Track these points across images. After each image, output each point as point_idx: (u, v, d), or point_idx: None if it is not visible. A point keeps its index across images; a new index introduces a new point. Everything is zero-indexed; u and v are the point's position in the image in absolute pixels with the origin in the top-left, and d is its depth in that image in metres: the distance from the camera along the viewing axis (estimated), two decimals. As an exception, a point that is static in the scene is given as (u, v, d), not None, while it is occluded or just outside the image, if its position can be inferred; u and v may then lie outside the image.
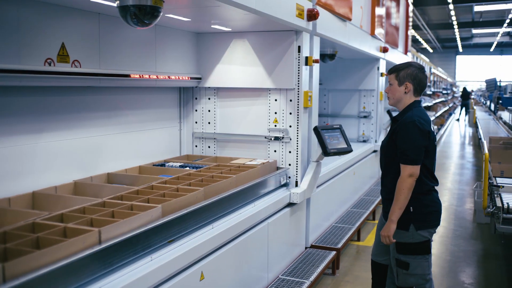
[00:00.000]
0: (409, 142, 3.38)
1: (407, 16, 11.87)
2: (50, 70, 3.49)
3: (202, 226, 3.59)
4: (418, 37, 37.55)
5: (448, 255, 6.11)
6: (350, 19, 6.48)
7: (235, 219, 3.93)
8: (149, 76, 4.56)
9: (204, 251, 3.45)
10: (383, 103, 9.42)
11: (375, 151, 8.97)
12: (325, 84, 9.32)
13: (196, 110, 5.63)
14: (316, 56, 5.37)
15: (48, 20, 3.54)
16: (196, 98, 5.62)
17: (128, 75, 4.29)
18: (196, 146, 5.68)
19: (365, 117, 9.14)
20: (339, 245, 5.48)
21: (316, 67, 5.37)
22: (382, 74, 9.06)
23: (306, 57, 5.07)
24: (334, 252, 5.29)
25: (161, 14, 3.37)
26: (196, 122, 5.64)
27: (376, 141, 9.08)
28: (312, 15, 4.97)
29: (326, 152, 4.90)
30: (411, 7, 12.51)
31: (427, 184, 3.47)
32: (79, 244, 2.49)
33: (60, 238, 2.50)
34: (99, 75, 3.95)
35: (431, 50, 52.55)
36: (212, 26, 4.86)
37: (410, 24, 12.96)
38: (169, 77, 4.86)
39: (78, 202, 3.34)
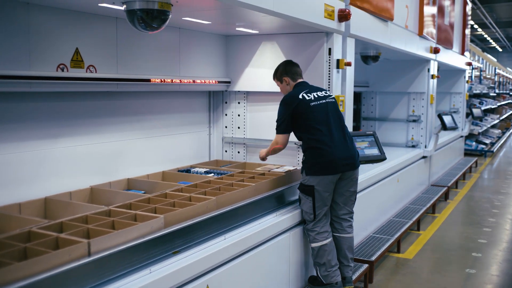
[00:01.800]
0: (278, 114, 4.24)
1: (464, 15, 11.27)
2: (61, 75, 3.47)
3: (213, 237, 3.45)
4: (485, 36, 35.93)
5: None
6: (391, 19, 6.17)
7: (251, 229, 3.76)
8: (172, 80, 4.49)
9: (212, 263, 3.31)
10: (434, 106, 8.96)
11: (424, 157, 8.54)
12: (372, 86, 8.99)
13: (226, 115, 5.52)
14: (350, 58, 5.11)
15: (61, 25, 3.52)
16: (226, 102, 5.50)
17: (148, 80, 4.23)
18: (226, 151, 5.57)
19: (414, 121, 8.72)
20: (373, 258, 5.19)
21: (350, 70, 5.12)
22: (433, 76, 8.61)
23: (338, 60, 4.84)
24: (366, 265, 5.01)
25: (169, 17, 3.28)
26: (226, 127, 5.53)
27: (426, 147, 8.63)
28: (343, 16, 4.74)
29: (356, 160, 4.65)
30: (469, 5, 11.86)
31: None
32: (65, 256, 2.42)
33: (45, 250, 2.43)
34: (116, 80, 3.91)
35: (500, 49, 50.13)
36: (237, 29, 4.73)
37: (470, 22, 12.32)
38: (194, 81, 4.77)
39: (86, 210, 3.30)
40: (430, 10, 7.99)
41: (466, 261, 5.85)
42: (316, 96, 4.23)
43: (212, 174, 4.67)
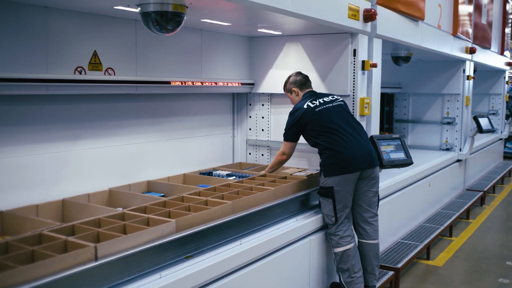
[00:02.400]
0: (286, 124, 4.35)
1: (504, 13, 10.88)
2: (78, 78, 3.49)
3: (228, 242, 3.39)
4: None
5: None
6: (422, 19, 5.98)
7: (269, 234, 3.69)
8: (193, 82, 4.47)
9: (226, 269, 3.25)
10: (470, 108, 8.66)
11: (458, 160, 8.27)
12: (405, 87, 8.77)
13: (250, 117, 5.46)
14: (377, 60, 4.97)
15: (78, 28, 3.54)
16: (250, 104, 5.45)
17: (168, 82, 4.21)
18: (249, 153, 5.51)
19: (448, 123, 8.45)
20: (399, 265, 5.04)
21: (376, 71, 4.99)
22: (468, 77, 8.33)
23: (363, 61, 4.71)
24: (392, 273, 4.86)
25: (184, 19, 3.25)
26: (250, 129, 5.48)
27: (460, 150, 8.36)
28: (369, 16, 4.61)
29: (381, 165, 4.53)
30: (510, 3, 11.44)
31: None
32: (70, 260, 2.41)
33: (51, 253, 2.42)
34: (134, 82, 3.91)
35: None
36: (260, 30, 4.66)
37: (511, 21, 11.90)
38: (216, 83, 4.73)
39: (101, 212, 3.30)
40: (465, 9, 7.73)
41: (500, 270, 5.61)
42: (321, 101, 4.25)
43: (234, 177, 4.62)
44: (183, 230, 3.04)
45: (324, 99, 4.29)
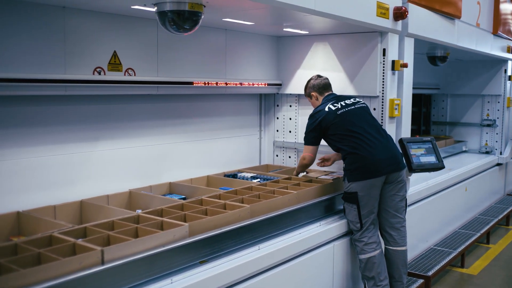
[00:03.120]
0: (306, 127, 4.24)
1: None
2: (97, 79, 3.47)
3: (246, 247, 3.30)
4: None
5: None
6: (459, 17, 5.73)
7: (290, 239, 3.58)
8: (217, 83, 4.40)
9: (243, 274, 3.16)
10: (511, 110, 8.29)
11: (499, 164, 7.93)
12: (443, 88, 8.48)
13: (277, 118, 5.36)
14: (408, 59, 4.78)
15: (97, 28, 3.52)
16: (277, 105, 5.35)
17: (190, 83, 4.16)
18: (277, 155, 5.41)
19: (488, 125, 8.12)
20: (430, 273, 4.83)
21: (407, 72, 4.80)
22: (510, 78, 7.97)
23: (393, 61, 4.53)
24: (421, 281, 4.67)
25: (201, 18, 3.18)
26: (277, 131, 5.37)
27: (501, 153, 8.01)
28: (399, 14, 4.43)
29: (410, 168, 4.35)
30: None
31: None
32: (75, 264, 2.37)
33: (56, 257, 2.39)
34: (156, 83, 3.87)
35: None
36: (285, 29, 4.56)
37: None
38: (241, 83, 4.65)
39: (118, 214, 3.27)
40: (507, 7, 7.39)
41: (539, 281, 5.32)
42: (343, 104, 4.12)
43: (258, 180, 4.53)
44: (197, 235, 2.97)
45: (346, 101, 4.16)
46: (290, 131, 5.27)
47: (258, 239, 3.41)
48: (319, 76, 4.42)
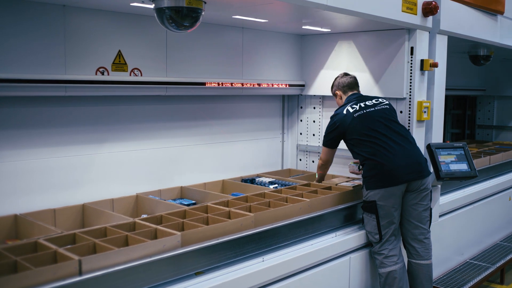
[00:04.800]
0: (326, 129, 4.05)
1: None
2: (99, 79, 3.36)
3: (248, 258, 3.10)
4: None
5: None
6: (502, 12, 5.31)
7: (299, 251, 3.35)
8: (232, 84, 4.21)
9: (243, 287, 2.96)
10: None
11: (550, 172, 7.34)
12: (489, 90, 7.96)
13: (301, 120, 5.12)
14: (440, 58, 4.45)
15: (100, 27, 3.41)
16: (301, 107, 5.11)
17: (203, 83, 3.99)
18: (300, 159, 5.17)
19: (539, 130, 7.56)
20: (463, 289, 4.48)
21: (439, 71, 4.46)
22: None
23: (422, 60, 4.21)
24: (452, 298, 4.33)
25: (201, 15, 3.00)
26: (300, 134, 5.14)
27: (553, 160, 7.42)
28: (429, 10, 4.12)
29: (438, 176, 4.02)
30: None
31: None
32: (49, 274, 2.23)
33: (29, 266, 2.27)
34: (164, 83, 3.73)
35: None
36: (304, 27, 4.31)
37: None
38: (259, 84, 4.45)
39: (116, 220, 3.15)
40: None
41: None
42: (362, 105, 3.88)
43: (276, 185, 4.32)
44: (189, 245, 2.79)
45: (366, 102, 3.89)
46: (313, 134, 5.02)
47: (262, 250, 3.19)
48: (345, 74, 4.18)
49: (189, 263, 2.77)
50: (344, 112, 3.85)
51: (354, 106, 3.86)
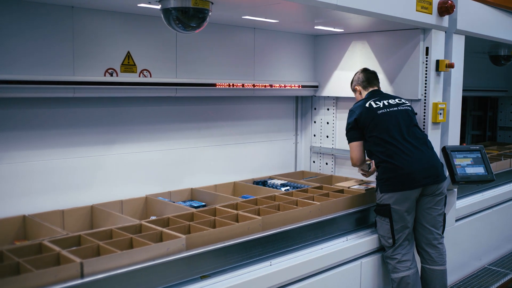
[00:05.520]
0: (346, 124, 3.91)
1: None
2: (107, 81, 3.35)
3: (255, 262, 3.05)
4: None
5: None
6: (522, 11, 5.17)
7: (307, 255, 3.29)
8: (243, 85, 4.17)
9: (249, 292, 2.93)
10: None
11: None
12: (511, 91, 7.77)
13: (314, 122, 5.06)
14: (457, 59, 4.34)
15: (109, 29, 3.40)
16: (315, 109, 5.05)
17: (213, 84, 3.96)
18: (313, 162, 5.10)
19: None
20: (479, 296, 4.37)
21: (456, 72, 4.36)
22: None
23: (437, 61, 4.11)
24: (468, 305, 4.22)
25: (208, 16, 2.97)
26: (314, 135, 5.07)
27: None
28: (444, 9, 4.02)
29: (453, 180, 3.92)
30: None
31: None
32: (50, 277, 2.22)
33: (30, 268, 2.26)
34: (173, 84, 3.71)
35: None
36: (316, 27, 4.25)
37: None
38: (271, 85, 4.40)
39: (123, 221, 3.13)
40: None
41: None
42: (386, 103, 3.77)
43: (287, 188, 4.26)
44: (194, 248, 2.75)
45: (390, 101, 3.80)
46: (327, 136, 4.95)
47: (270, 254, 3.14)
48: (365, 69, 4.08)
49: (194, 267, 2.74)
50: (367, 105, 3.75)
51: (377, 102, 3.76)
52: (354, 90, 4.10)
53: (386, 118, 3.69)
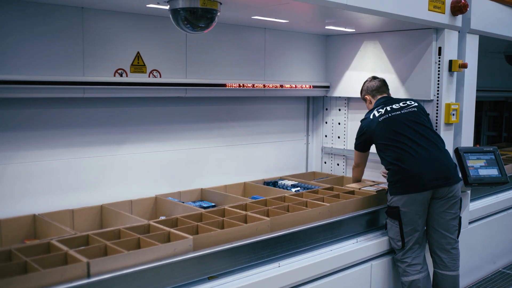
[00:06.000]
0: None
1: None
2: (117, 81, 3.36)
3: (263, 263, 3.04)
4: None
5: None
6: (538, 10, 5.08)
7: (316, 257, 3.26)
8: (253, 85, 4.16)
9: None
10: None
11: None
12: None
13: (326, 122, 5.02)
14: (471, 59, 4.28)
15: (119, 29, 3.41)
16: (326, 109, 5.01)
17: (223, 85, 3.95)
18: (325, 162, 5.07)
19: None
20: (493, 300, 4.30)
21: (470, 72, 4.30)
22: None
23: (450, 61, 4.06)
24: (481, 309, 4.16)
25: (217, 16, 2.96)
26: (325, 136, 5.04)
27: None
28: (457, 8, 3.97)
29: (466, 182, 3.87)
30: None
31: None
32: (56, 276, 2.23)
33: (37, 267, 2.27)
34: (183, 85, 3.71)
35: None
36: (327, 27, 4.22)
37: None
38: (282, 86, 4.38)
39: (132, 221, 3.14)
40: None
41: None
42: (389, 109, 3.78)
43: (298, 189, 4.24)
44: (201, 249, 2.74)
45: (393, 106, 3.77)
46: (339, 137, 4.91)
47: (278, 256, 3.13)
48: (374, 77, 4.07)
49: (201, 268, 2.73)
50: (371, 116, 3.79)
51: (380, 110, 3.77)
52: (364, 99, 4.10)
53: (388, 123, 3.69)
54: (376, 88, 3.98)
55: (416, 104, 3.81)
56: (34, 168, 3.31)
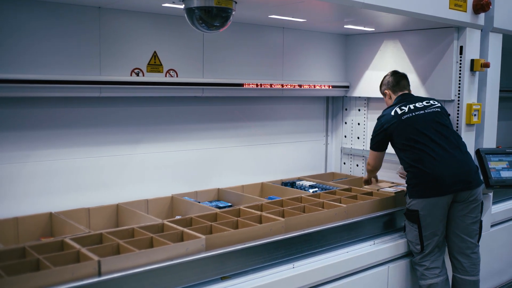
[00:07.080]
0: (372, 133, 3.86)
1: None
2: (133, 80, 3.37)
3: (277, 264, 3.01)
4: None
5: None
6: None
7: (332, 258, 3.22)
8: (271, 85, 4.13)
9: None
10: None
11: None
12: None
13: (345, 123, 4.97)
14: (494, 58, 4.19)
15: (135, 29, 3.42)
16: (346, 109, 4.96)
17: (240, 84, 3.94)
18: (344, 163, 5.02)
19: None
20: (515, 305, 4.19)
21: (493, 72, 4.22)
22: None
23: (472, 60, 3.97)
24: (503, 314, 4.05)
25: (232, 15, 2.95)
26: (345, 136, 4.98)
27: None
28: (480, 6, 3.89)
29: (487, 184, 3.78)
30: None
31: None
32: (67, 274, 2.24)
33: (48, 265, 2.28)
34: (200, 84, 3.71)
35: None
36: (346, 26, 4.17)
37: None
38: (300, 85, 4.35)
39: (146, 221, 3.14)
40: None
41: None
42: (412, 107, 3.64)
43: (316, 189, 4.20)
44: (213, 249, 2.73)
45: (416, 104, 3.66)
46: (358, 137, 4.86)
47: (293, 257, 3.10)
48: (395, 72, 3.95)
49: (213, 268, 2.72)
50: (392, 113, 3.65)
51: (403, 107, 3.65)
52: (383, 94, 3.98)
53: (410, 122, 3.58)
54: (397, 83, 3.86)
55: (439, 104, 3.71)
56: (50, 166, 3.35)
